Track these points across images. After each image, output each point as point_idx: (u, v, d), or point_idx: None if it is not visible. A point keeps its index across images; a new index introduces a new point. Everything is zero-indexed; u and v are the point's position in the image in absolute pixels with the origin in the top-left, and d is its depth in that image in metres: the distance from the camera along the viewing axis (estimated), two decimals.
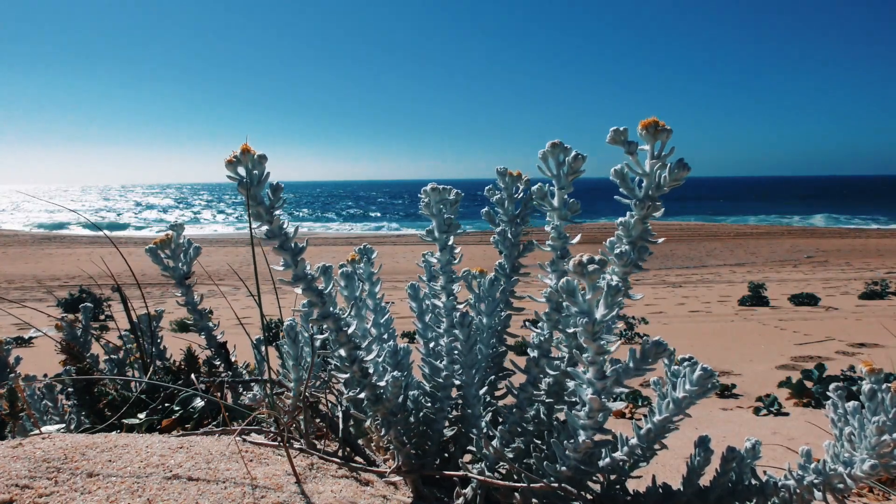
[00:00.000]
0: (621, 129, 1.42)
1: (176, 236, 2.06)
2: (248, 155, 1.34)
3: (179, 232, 2.08)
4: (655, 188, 1.44)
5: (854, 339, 8.96)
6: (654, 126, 1.38)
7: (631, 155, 1.43)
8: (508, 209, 1.71)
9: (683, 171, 1.40)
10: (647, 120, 1.38)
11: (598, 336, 1.22)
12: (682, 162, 1.40)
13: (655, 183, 1.43)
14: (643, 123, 1.39)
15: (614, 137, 1.42)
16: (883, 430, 1.39)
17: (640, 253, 1.50)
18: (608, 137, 1.42)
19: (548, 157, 1.55)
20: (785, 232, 39.36)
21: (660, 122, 1.38)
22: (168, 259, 2.07)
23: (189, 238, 2.11)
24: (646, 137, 1.40)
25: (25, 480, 1.28)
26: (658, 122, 1.38)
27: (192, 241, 2.09)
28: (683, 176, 1.41)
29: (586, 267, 1.19)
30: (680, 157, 1.40)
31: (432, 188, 1.68)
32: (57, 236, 39.27)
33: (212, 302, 13.69)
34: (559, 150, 1.53)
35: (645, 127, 1.38)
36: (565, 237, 1.61)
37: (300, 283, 1.44)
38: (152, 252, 2.04)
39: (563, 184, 1.57)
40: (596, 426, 1.34)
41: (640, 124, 1.39)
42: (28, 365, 2.31)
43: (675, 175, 1.41)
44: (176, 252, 2.07)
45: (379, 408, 1.55)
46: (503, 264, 1.74)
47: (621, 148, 1.43)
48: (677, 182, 1.42)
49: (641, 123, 1.39)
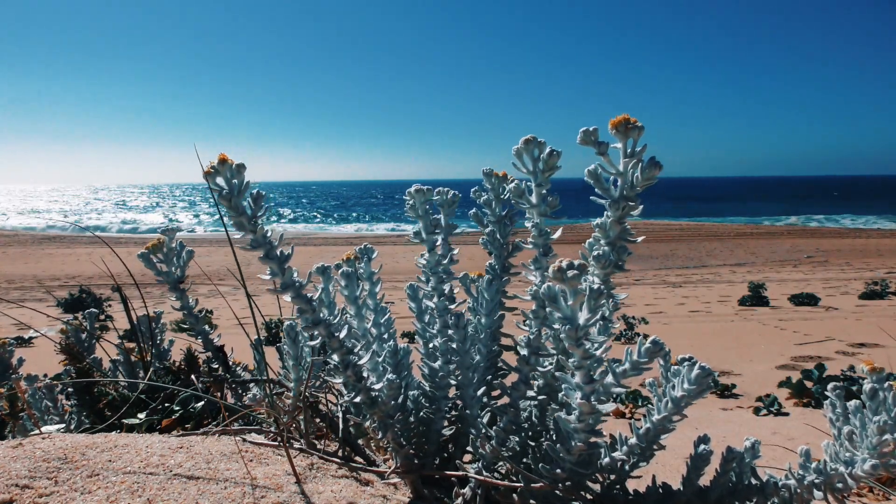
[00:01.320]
0: (591, 129, 1.39)
1: (168, 240, 2.04)
2: (226, 165, 1.29)
3: (171, 236, 2.05)
4: (629, 187, 1.42)
5: (854, 339, 8.95)
6: (625, 124, 1.35)
7: (602, 155, 1.41)
8: (496, 210, 1.70)
9: (655, 169, 1.38)
10: (618, 118, 1.36)
11: (581, 341, 1.21)
12: (654, 160, 1.38)
13: (630, 182, 1.41)
14: (613, 122, 1.36)
15: (584, 138, 1.40)
16: (884, 430, 1.38)
17: (620, 254, 1.48)
18: (578, 138, 1.40)
19: (522, 154, 1.53)
20: (785, 232, 39.35)
21: (630, 119, 1.35)
22: (161, 263, 2.04)
23: (182, 241, 2.09)
24: (618, 136, 1.38)
25: (25, 480, 1.28)
26: (629, 119, 1.35)
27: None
28: (656, 174, 1.38)
29: (566, 273, 1.17)
30: (652, 156, 1.38)
31: (416, 189, 1.66)
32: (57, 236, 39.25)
33: (212, 302, 13.69)
34: (533, 146, 1.52)
35: (615, 126, 1.36)
36: (547, 234, 1.60)
37: (289, 291, 1.41)
38: (144, 257, 2.01)
39: (539, 180, 1.55)
40: (588, 429, 1.33)
41: (611, 123, 1.37)
42: (28, 365, 2.31)
43: (647, 174, 1.38)
44: (169, 256, 2.05)
45: (375, 411, 1.55)
46: (493, 265, 1.73)
47: (593, 148, 1.41)
48: (650, 181, 1.40)
49: (611, 122, 1.37)
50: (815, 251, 27.73)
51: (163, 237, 2.04)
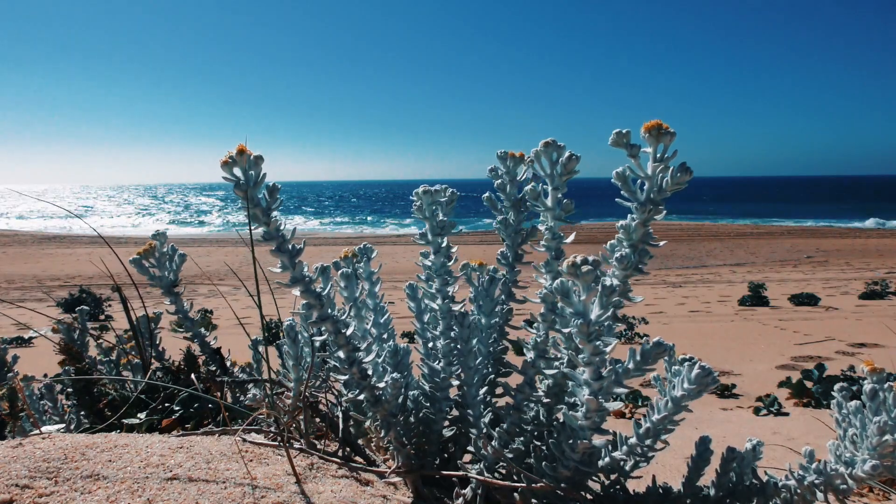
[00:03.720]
0: (623, 131, 1.41)
1: (159, 245, 2.02)
2: (245, 155, 1.30)
3: (163, 240, 2.03)
4: (657, 192, 1.43)
5: (854, 339, 8.96)
6: (658, 129, 1.37)
7: (633, 158, 1.42)
8: (511, 193, 1.68)
9: (686, 175, 1.39)
10: (651, 123, 1.37)
11: (593, 337, 1.22)
12: (685, 166, 1.39)
13: (658, 186, 1.42)
14: (646, 126, 1.38)
15: (616, 140, 1.41)
16: (884, 430, 1.38)
17: (641, 256, 1.49)
18: (610, 140, 1.41)
19: (541, 157, 1.54)
20: (785, 232, 39.35)
21: (663, 124, 1.37)
22: (153, 268, 2.02)
23: (173, 244, 2.07)
24: (649, 140, 1.39)
25: (25, 480, 1.27)
26: (662, 124, 1.37)
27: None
28: (686, 180, 1.40)
29: (580, 268, 1.18)
30: (682, 161, 1.39)
31: (424, 190, 1.65)
32: (57, 236, 39.25)
33: (212, 302, 13.69)
34: (552, 149, 1.52)
35: (648, 130, 1.37)
36: (560, 237, 1.60)
37: (298, 285, 1.42)
38: (136, 262, 2.00)
39: (556, 183, 1.55)
40: (594, 426, 1.34)
41: (644, 127, 1.38)
42: (28, 365, 2.31)
43: (677, 179, 1.40)
44: (161, 261, 2.03)
45: (378, 409, 1.55)
46: (505, 253, 1.72)
47: (623, 150, 1.42)
48: (679, 186, 1.41)
49: (645, 126, 1.38)
50: (815, 251, 27.73)
51: (154, 242, 2.02)
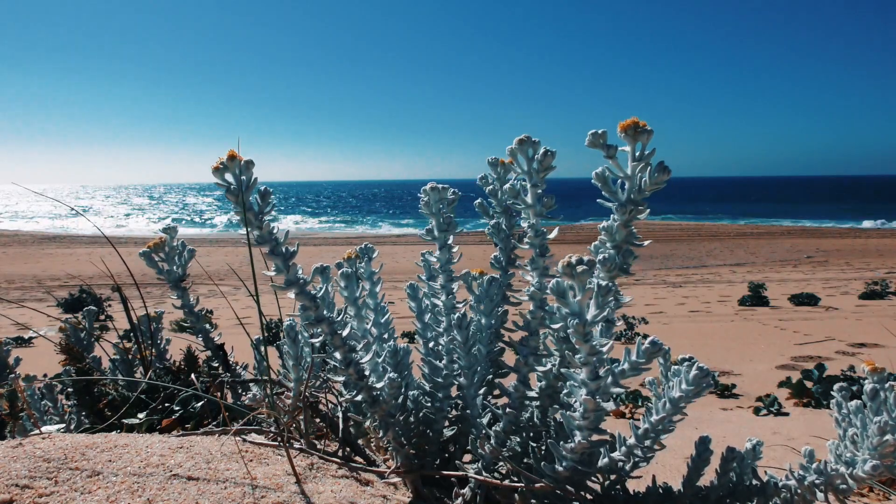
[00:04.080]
0: (599, 131, 1.39)
1: (170, 239, 2.04)
2: (235, 161, 1.31)
3: (173, 235, 2.06)
4: (637, 191, 1.41)
5: (854, 339, 8.95)
6: (634, 127, 1.35)
7: (610, 159, 1.40)
8: (502, 199, 1.69)
9: (664, 174, 1.38)
10: (627, 121, 1.35)
11: (589, 337, 1.22)
12: (663, 165, 1.37)
13: (637, 186, 1.41)
14: (622, 125, 1.36)
15: (593, 141, 1.40)
16: (885, 430, 1.38)
17: (626, 257, 1.48)
18: (586, 141, 1.40)
19: (517, 154, 1.52)
20: (785, 232, 39.35)
21: (640, 122, 1.35)
22: (162, 262, 2.05)
23: (183, 240, 2.09)
24: (626, 139, 1.37)
25: (25, 480, 1.28)
26: (638, 122, 1.35)
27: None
28: (664, 179, 1.38)
29: (575, 268, 1.18)
30: (660, 160, 1.38)
31: (432, 187, 1.68)
32: (57, 236, 39.25)
33: (212, 302, 13.69)
34: (528, 146, 1.51)
35: (624, 129, 1.36)
36: (543, 234, 1.60)
37: (293, 288, 1.42)
38: (146, 255, 2.02)
39: (535, 180, 1.54)
40: (591, 427, 1.34)
41: (620, 126, 1.36)
42: (28, 365, 2.31)
43: (655, 178, 1.38)
44: (170, 255, 2.05)
45: (377, 409, 1.55)
46: (499, 257, 1.73)
47: (601, 151, 1.41)
48: (658, 186, 1.39)
49: (620, 125, 1.36)
50: (815, 251, 27.73)
51: (164, 236, 2.05)
